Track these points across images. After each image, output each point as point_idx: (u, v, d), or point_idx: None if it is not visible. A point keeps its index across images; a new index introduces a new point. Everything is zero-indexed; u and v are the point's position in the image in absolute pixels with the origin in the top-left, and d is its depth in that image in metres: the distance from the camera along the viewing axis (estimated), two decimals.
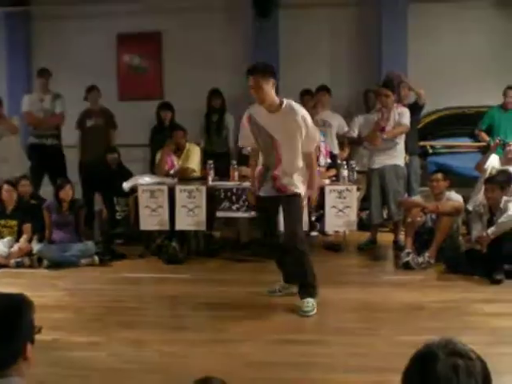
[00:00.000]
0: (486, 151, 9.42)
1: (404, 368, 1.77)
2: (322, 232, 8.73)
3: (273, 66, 5.84)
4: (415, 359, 1.75)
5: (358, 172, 8.66)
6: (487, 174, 8.19)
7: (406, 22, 10.71)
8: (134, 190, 8.38)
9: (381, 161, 8.43)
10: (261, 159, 6.09)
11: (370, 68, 10.70)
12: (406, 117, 8.40)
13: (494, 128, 9.72)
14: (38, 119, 9.75)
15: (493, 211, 7.24)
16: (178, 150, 9.01)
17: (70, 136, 10.14)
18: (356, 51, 11.26)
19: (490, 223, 7.16)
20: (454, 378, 1.63)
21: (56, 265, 7.82)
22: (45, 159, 9.72)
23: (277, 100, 5.80)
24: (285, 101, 5.82)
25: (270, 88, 5.65)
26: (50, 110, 9.79)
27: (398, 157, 8.47)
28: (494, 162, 8.48)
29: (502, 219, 6.98)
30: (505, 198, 7.27)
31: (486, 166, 8.47)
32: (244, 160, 8.59)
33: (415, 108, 8.90)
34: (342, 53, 11.31)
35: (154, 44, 11.75)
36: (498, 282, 6.71)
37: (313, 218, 7.86)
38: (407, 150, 8.69)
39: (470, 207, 8.08)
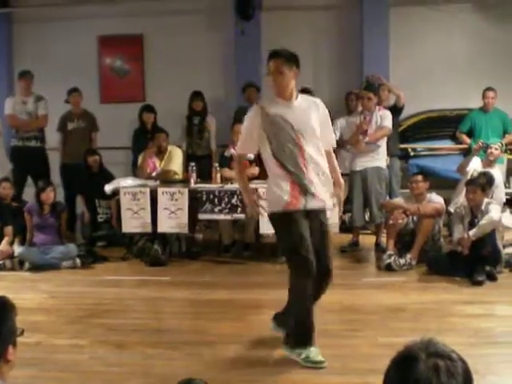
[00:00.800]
0: (467, 153, 9.48)
1: (385, 369, 1.77)
2: None
3: (297, 55, 5.15)
4: (396, 360, 1.75)
5: (341, 174, 8.67)
6: (469, 177, 8.23)
7: (387, 25, 10.76)
8: (116, 192, 8.35)
9: (363, 163, 8.47)
10: (276, 168, 4.82)
11: (352, 71, 10.73)
12: (388, 119, 8.44)
13: (475, 130, 9.80)
14: (22, 122, 9.69)
15: (474, 213, 7.28)
16: (160, 153, 9.01)
17: (52, 138, 10.11)
18: (338, 54, 11.30)
19: (472, 225, 7.19)
20: (434, 378, 1.64)
21: (38, 267, 7.78)
22: (28, 162, 9.66)
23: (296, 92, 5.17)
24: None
25: (291, 77, 5.06)
26: (33, 113, 9.73)
27: (380, 159, 8.51)
28: (475, 164, 8.52)
29: (483, 221, 7.02)
30: (486, 200, 7.32)
31: (468, 169, 8.51)
32: (226, 162, 8.61)
33: (395, 110, 8.94)
34: (324, 55, 11.35)
35: (135, 46, 11.73)
36: (479, 284, 6.74)
37: None
38: (388, 151, 8.73)
39: (451, 209, 8.13)
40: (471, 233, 6.97)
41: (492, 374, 4.32)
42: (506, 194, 8.82)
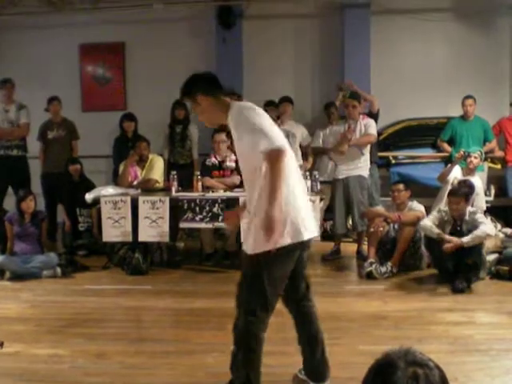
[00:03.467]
0: (447, 162, 9.53)
1: (363, 377, 1.77)
2: None
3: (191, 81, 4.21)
4: (374, 368, 1.76)
5: (323, 182, 8.72)
6: (449, 185, 8.27)
7: (368, 33, 10.81)
8: (96, 201, 8.32)
9: (345, 171, 8.50)
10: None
11: (333, 80, 10.75)
12: (372, 127, 8.49)
13: (455, 138, 9.86)
14: (3, 131, 9.61)
15: (456, 221, 7.29)
16: (141, 161, 8.99)
17: (32, 147, 10.05)
18: (319, 63, 11.35)
19: (454, 233, 7.20)
20: None
21: (18, 277, 7.73)
22: (9, 171, 9.56)
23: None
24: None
25: (199, 108, 4.12)
26: (15, 121, 9.66)
27: (362, 168, 8.54)
28: (456, 172, 8.57)
29: (479, 233, 6.98)
30: (469, 208, 7.34)
31: (448, 177, 8.54)
32: (207, 171, 8.62)
33: (371, 117, 8.96)
34: (306, 64, 11.39)
35: (117, 55, 11.74)
36: (461, 291, 6.77)
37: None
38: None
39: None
40: (465, 239, 6.95)
41: (472, 381, 4.35)
42: (487, 201, 8.87)
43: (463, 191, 7.36)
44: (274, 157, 3.61)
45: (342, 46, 10.94)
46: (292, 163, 3.90)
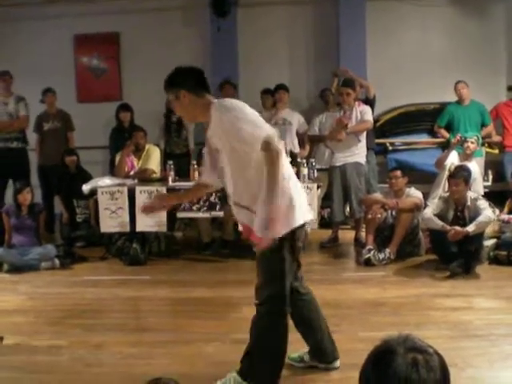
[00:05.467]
0: (445, 147, 9.52)
1: (363, 364, 1.77)
2: None
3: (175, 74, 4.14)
4: (374, 355, 1.75)
5: (320, 170, 8.70)
6: (446, 171, 8.26)
7: (364, 19, 10.78)
8: (93, 192, 8.30)
9: (342, 158, 8.48)
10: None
11: (329, 66, 10.70)
12: (368, 114, 8.48)
13: (453, 124, 9.85)
14: (3, 123, 9.59)
15: (458, 207, 7.29)
16: (138, 151, 8.96)
17: (29, 139, 10.03)
18: (314, 50, 11.31)
19: (458, 219, 7.21)
20: (414, 373, 1.64)
21: (16, 269, 7.72)
22: (9, 163, 9.55)
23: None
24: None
25: (177, 103, 4.11)
26: (14, 114, 9.64)
27: (359, 154, 8.53)
28: (453, 158, 8.55)
29: (483, 219, 6.98)
30: (471, 194, 7.34)
31: (445, 163, 8.53)
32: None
33: (367, 102, 8.93)
34: (301, 51, 11.36)
35: (111, 45, 11.68)
36: (456, 275, 6.82)
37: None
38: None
39: (429, 203, 8.14)
40: (470, 228, 6.94)
41: (471, 366, 4.35)
42: (485, 187, 8.87)
43: (462, 174, 7.36)
44: (270, 148, 3.63)
45: (337, 32, 10.90)
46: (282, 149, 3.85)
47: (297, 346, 4.45)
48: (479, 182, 8.44)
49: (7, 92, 9.70)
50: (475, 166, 8.39)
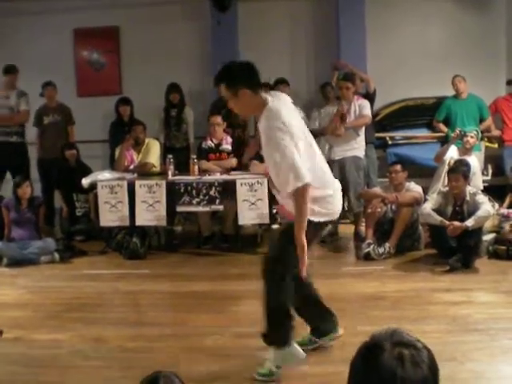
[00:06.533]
0: (444, 142, 9.52)
1: (352, 359, 1.77)
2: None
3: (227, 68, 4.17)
4: (361, 350, 1.76)
5: None
6: (446, 165, 8.26)
7: (364, 14, 10.74)
8: (93, 186, 8.30)
9: (341, 152, 8.46)
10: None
11: (329, 60, 10.68)
12: (367, 108, 8.45)
13: (451, 118, 9.86)
14: (3, 116, 9.59)
15: (457, 201, 7.29)
16: (138, 145, 8.97)
17: (28, 133, 10.03)
18: (315, 44, 11.31)
19: (457, 214, 7.21)
20: (399, 367, 1.64)
21: (16, 263, 7.73)
22: (8, 157, 9.57)
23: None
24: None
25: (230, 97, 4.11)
26: (15, 108, 9.65)
27: (358, 148, 8.51)
28: (452, 152, 8.55)
29: (482, 213, 6.98)
30: (469, 188, 7.34)
31: (444, 157, 8.53)
32: (203, 154, 8.61)
33: (367, 97, 8.92)
34: (301, 46, 11.34)
35: (111, 39, 11.66)
36: (455, 269, 6.82)
37: (274, 211, 7.85)
38: (364, 139, 8.74)
39: (428, 197, 8.14)
40: (468, 223, 6.93)
41: (470, 360, 4.36)
42: (484, 181, 8.86)
43: (461, 169, 7.36)
44: (301, 193, 3.89)
45: (337, 27, 10.87)
46: (315, 147, 4.25)
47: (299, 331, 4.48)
48: (478, 177, 8.44)
49: (11, 86, 9.71)
50: (474, 161, 8.39)
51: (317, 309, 4.70)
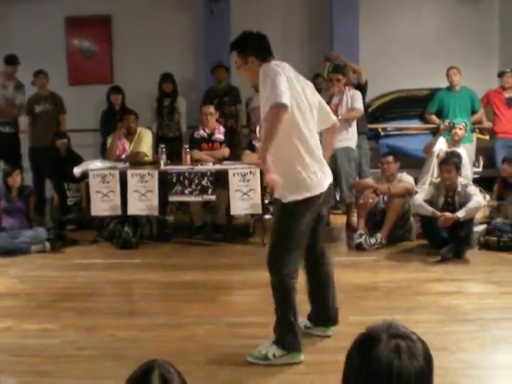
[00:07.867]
0: (436, 133, 9.53)
1: (348, 351, 1.78)
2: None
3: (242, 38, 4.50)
4: (358, 342, 1.77)
5: None
6: (435, 157, 8.29)
7: (357, 4, 10.76)
8: (85, 175, 8.28)
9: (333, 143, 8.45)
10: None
11: (322, 49, 10.68)
12: (359, 101, 8.44)
13: (443, 109, 9.87)
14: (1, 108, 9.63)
15: (448, 192, 7.31)
16: (130, 135, 8.95)
17: (21, 121, 10.02)
18: (307, 33, 11.30)
19: (448, 205, 7.23)
20: (396, 358, 1.65)
21: (6, 252, 7.70)
22: (1, 147, 9.62)
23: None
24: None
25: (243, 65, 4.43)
26: (11, 99, 9.65)
27: (350, 139, 8.51)
28: (441, 144, 8.57)
29: (473, 204, 7.00)
30: (461, 180, 7.36)
31: (433, 149, 8.54)
32: (196, 143, 8.59)
33: (359, 88, 8.92)
34: (294, 34, 11.33)
35: (103, 27, 11.63)
36: (446, 259, 6.86)
37: (266, 201, 7.85)
38: (357, 130, 8.74)
39: (418, 189, 8.15)
40: (460, 214, 6.95)
41: (461, 350, 4.38)
42: (475, 173, 8.89)
43: (453, 160, 7.38)
44: (275, 111, 3.90)
45: (330, 16, 10.87)
46: (306, 123, 4.27)
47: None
48: (468, 168, 8.46)
49: (10, 76, 9.73)
50: (463, 152, 8.40)
51: (330, 301, 4.84)
